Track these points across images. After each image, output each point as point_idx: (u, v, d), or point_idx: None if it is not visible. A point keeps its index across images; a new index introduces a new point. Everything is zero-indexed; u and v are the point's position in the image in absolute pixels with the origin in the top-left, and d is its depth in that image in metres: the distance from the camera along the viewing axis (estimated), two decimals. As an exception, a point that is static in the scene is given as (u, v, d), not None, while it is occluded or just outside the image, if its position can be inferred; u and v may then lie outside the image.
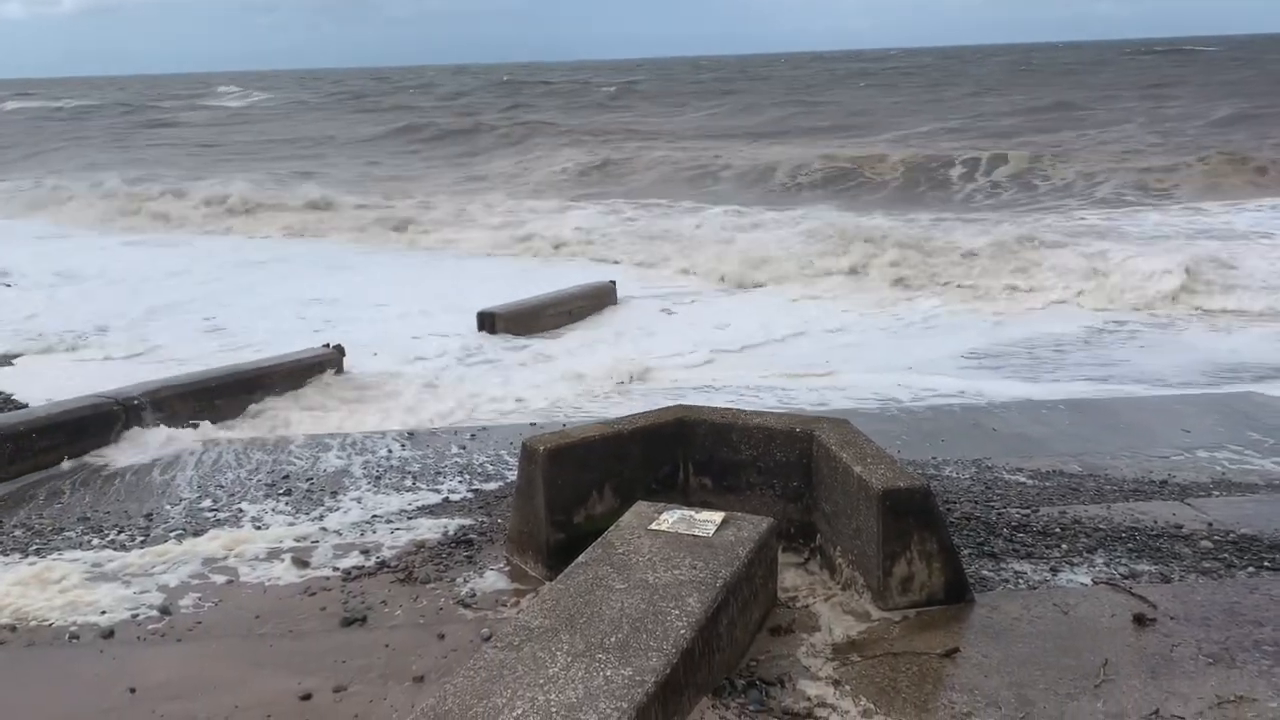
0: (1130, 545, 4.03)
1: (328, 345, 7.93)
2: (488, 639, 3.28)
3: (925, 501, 3.36)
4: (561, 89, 65.33)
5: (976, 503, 4.69)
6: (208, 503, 5.18)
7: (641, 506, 3.67)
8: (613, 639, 2.71)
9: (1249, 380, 7.84)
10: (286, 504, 5.10)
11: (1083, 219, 15.99)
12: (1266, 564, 3.82)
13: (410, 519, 4.78)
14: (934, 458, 5.61)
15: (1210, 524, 4.25)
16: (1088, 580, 3.66)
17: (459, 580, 3.97)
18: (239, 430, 6.57)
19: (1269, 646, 3.06)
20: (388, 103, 57.60)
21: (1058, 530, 4.18)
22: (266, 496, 5.23)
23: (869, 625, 3.30)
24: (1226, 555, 3.91)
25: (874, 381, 7.91)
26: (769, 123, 35.37)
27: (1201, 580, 3.65)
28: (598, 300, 11.04)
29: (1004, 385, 7.90)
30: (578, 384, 7.94)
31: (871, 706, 2.83)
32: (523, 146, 30.40)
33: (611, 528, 3.49)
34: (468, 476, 5.44)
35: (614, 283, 11.59)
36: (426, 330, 9.95)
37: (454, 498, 5.11)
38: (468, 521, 4.64)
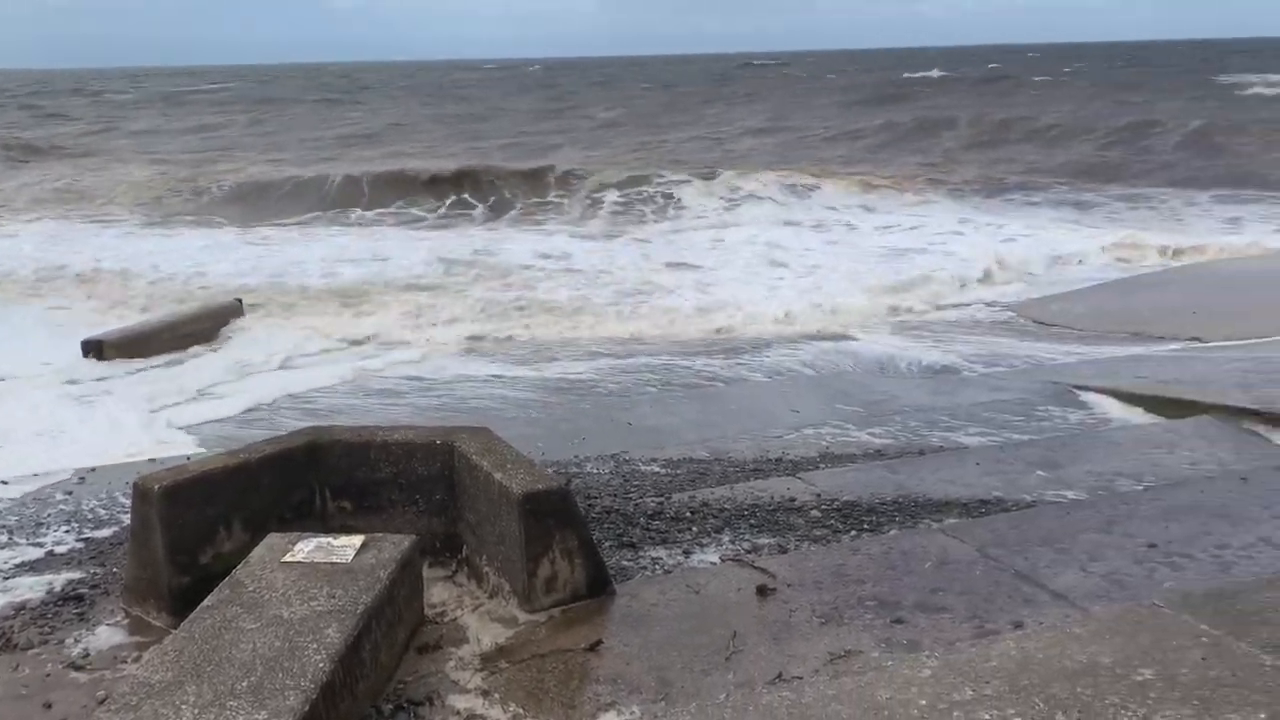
0: (752, 521, 4.35)
1: (-108, 388, 6.86)
2: (103, 702, 2.97)
3: (564, 501, 3.44)
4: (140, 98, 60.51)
5: (615, 495, 4.88)
6: None
7: (274, 539, 3.48)
8: (245, 683, 2.54)
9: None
10: None
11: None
12: (866, 526, 4.27)
13: (7, 579, 4.23)
14: (576, 456, 5.76)
15: (819, 494, 4.68)
16: (716, 559, 3.92)
17: (69, 641, 3.56)
18: None
19: (870, 601, 3.42)
20: None
21: (689, 514, 4.44)
22: None
23: (516, 630, 3.33)
24: (833, 522, 4.33)
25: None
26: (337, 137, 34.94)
27: (813, 548, 4.01)
28: (221, 319, 10.38)
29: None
30: (208, 408, 7.43)
31: (520, 711, 2.86)
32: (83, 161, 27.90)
33: (240, 565, 3.28)
34: (76, 525, 4.91)
35: (240, 300, 10.95)
36: (17, 361, 8.87)
37: (60, 550, 4.59)
38: (77, 575, 4.18)
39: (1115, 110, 35.65)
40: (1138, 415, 6.06)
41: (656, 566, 3.88)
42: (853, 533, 4.19)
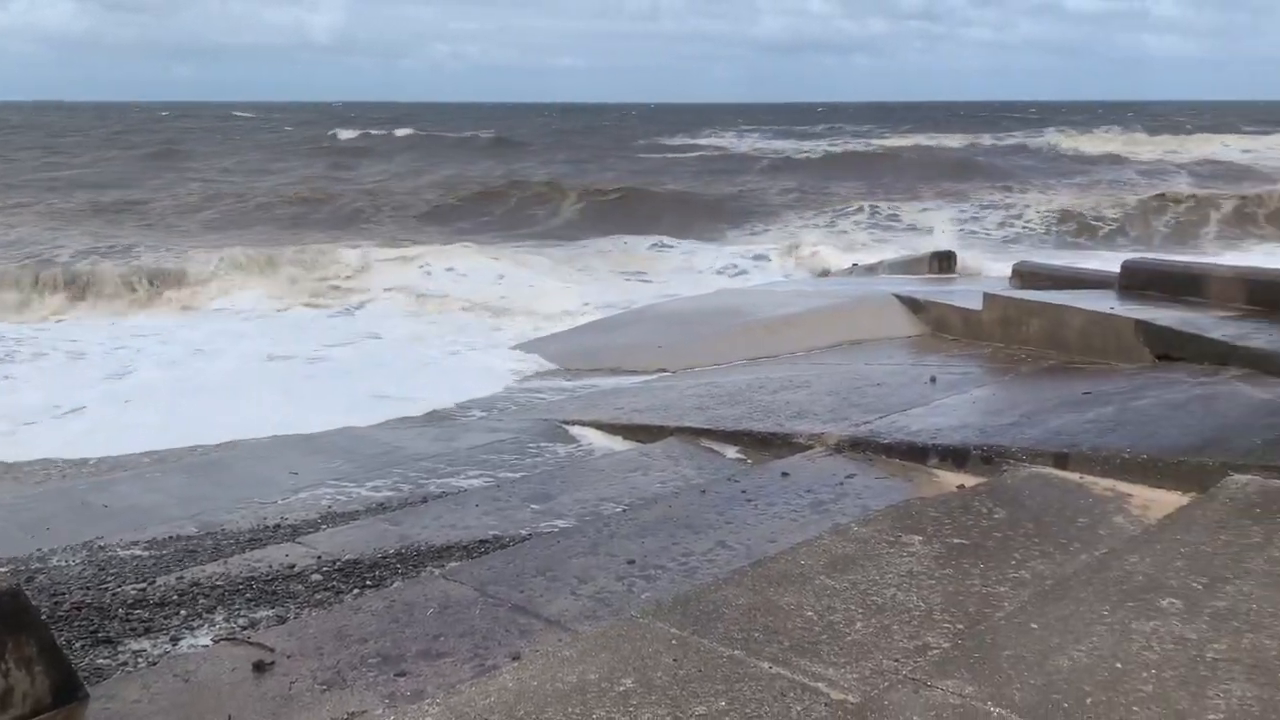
0: (249, 595, 4.13)
1: None
2: None
3: (15, 604, 3.02)
4: None
5: (89, 588, 4.38)
6: None
7: None
8: None
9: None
10: None
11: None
12: (369, 582, 4.23)
13: None
14: (39, 549, 5.08)
15: (320, 557, 4.56)
16: (209, 641, 3.67)
17: None
18: None
19: (374, 659, 3.38)
20: None
21: (176, 597, 4.10)
22: None
23: (-37, 762, 2.87)
24: (335, 583, 4.24)
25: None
26: None
27: (315, 613, 3.89)
28: None
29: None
30: None
31: None
32: None
33: None
34: None
35: None
36: None
37: None
38: None
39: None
40: (618, 443, 6.63)
41: (139, 660, 3.54)
42: (356, 591, 4.13)
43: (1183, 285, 8.36)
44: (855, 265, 17.78)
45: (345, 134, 64.53)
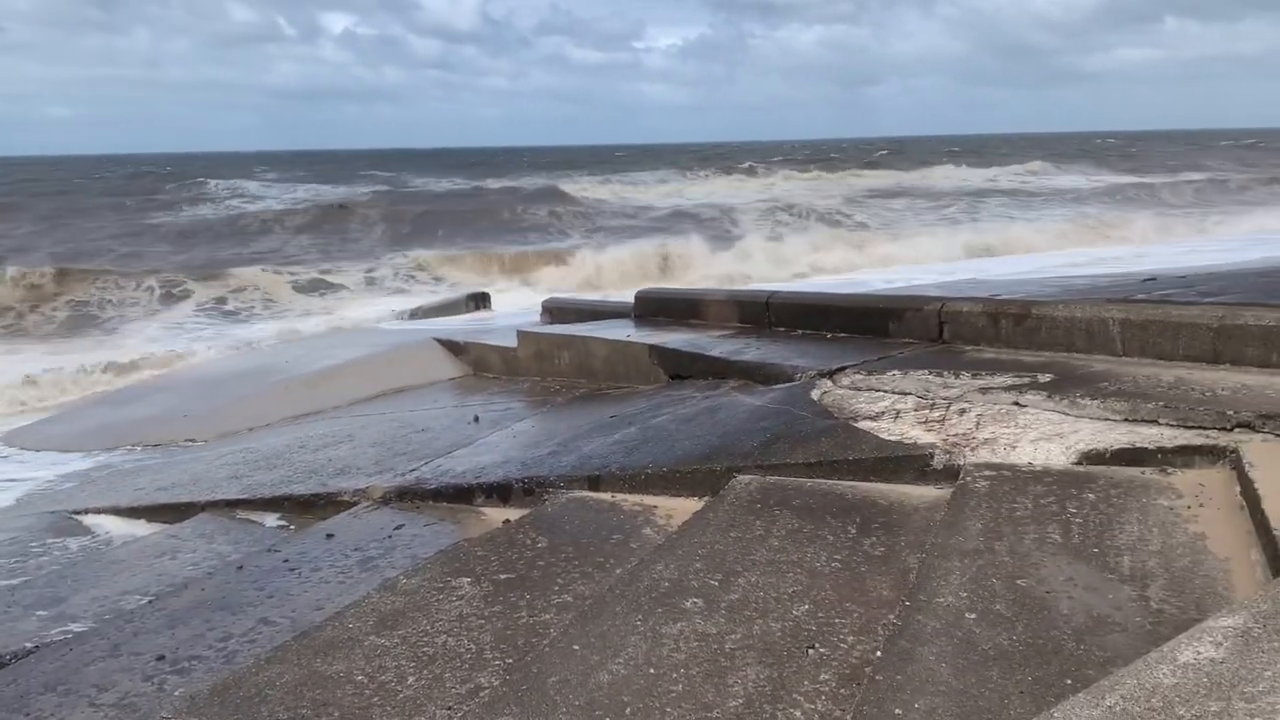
0: None
1: None
2: None
3: None
4: None
5: None
6: None
7: None
8: None
9: None
10: None
11: None
12: None
13: None
14: None
15: None
16: None
17: None
18: None
19: None
20: None
21: None
22: None
23: None
24: None
25: None
26: None
27: None
28: None
29: None
30: None
31: None
32: None
33: None
34: None
35: None
36: None
37: None
38: None
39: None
40: (141, 527, 6.03)
41: None
42: None
43: (686, 310, 9.24)
44: (393, 311, 17.75)
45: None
